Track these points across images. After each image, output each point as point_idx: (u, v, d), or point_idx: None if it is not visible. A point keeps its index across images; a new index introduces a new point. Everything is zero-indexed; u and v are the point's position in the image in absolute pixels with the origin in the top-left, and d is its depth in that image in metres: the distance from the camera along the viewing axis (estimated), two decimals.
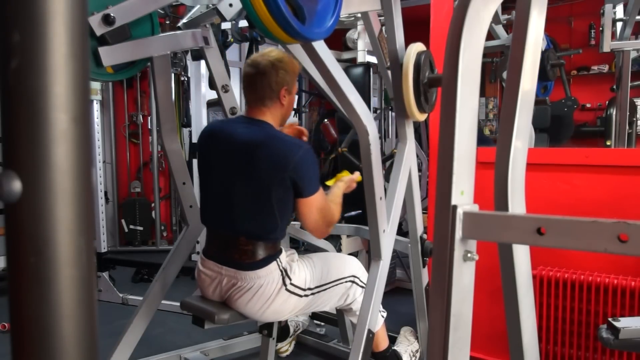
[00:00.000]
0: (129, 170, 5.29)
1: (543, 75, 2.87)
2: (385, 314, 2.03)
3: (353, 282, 1.94)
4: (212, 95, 2.61)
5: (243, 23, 3.13)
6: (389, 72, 1.89)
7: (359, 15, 3.28)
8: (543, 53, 2.74)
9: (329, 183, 1.98)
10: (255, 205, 1.75)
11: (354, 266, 1.97)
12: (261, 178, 1.70)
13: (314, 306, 1.91)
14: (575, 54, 4.69)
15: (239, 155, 1.75)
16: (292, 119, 5.56)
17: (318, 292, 1.86)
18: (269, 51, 1.81)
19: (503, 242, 0.91)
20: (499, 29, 2.79)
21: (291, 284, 1.80)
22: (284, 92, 1.78)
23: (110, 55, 1.83)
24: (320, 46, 1.45)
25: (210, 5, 2.04)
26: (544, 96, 3.24)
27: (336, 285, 1.90)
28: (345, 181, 1.96)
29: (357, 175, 1.98)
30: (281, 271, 1.78)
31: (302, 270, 1.84)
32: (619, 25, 2.79)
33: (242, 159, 1.74)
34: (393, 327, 2.28)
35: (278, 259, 1.79)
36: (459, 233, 0.78)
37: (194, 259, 3.95)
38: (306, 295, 1.83)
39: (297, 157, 1.68)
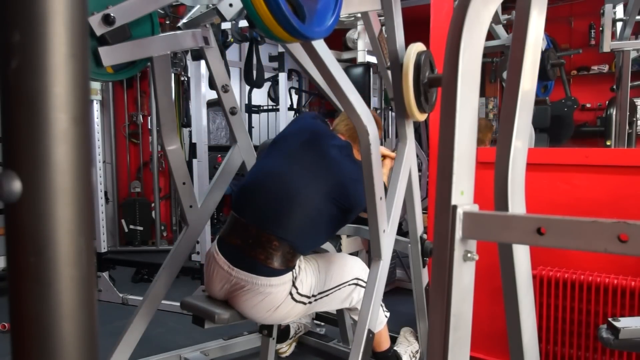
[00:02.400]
0: (129, 170, 5.29)
1: (543, 75, 2.87)
2: (388, 314, 2.03)
3: (356, 284, 1.93)
4: (212, 95, 2.61)
5: (243, 23, 3.13)
6: (389, 72, 1.89)
7: (359, 15, 3.28)
8: (543, 53, 2.74)
9: None
10: (316, 221, 1.78)
11: (357, 268, 1.96)
12: (336, 206, 1.80)
13: (317, 309, 1.92)
14: (575, 54, 4.69)
15: (331, 175, 1.81)
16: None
17: (321, 297, 1.86)
18: None
19: (503, 242, 0.91)
20: (499, 29, 2.79)
21: (298, 293, 1.79)
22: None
23: (110, 55, 1.82)
24: (320, 46, 1.45)
25: (210, 5, 2.04)
26: (544, 96, 3.24)
27: (339, 289, 1.90)
28: (386, 165, 2.04)
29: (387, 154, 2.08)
30: (292, 280, 1.79)
31: (309, 277, 1.83)
32: (619, 25, 2.79)
33: (333, 181, 1.80)
34: (393, 327, 2.28)
35: (293, 270, 1.79)
36: (459, 233, 0.78)
37: (194, 259, 3.95)
38: (310, 302, 1.84)
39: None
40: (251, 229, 1.76)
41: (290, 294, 1.78)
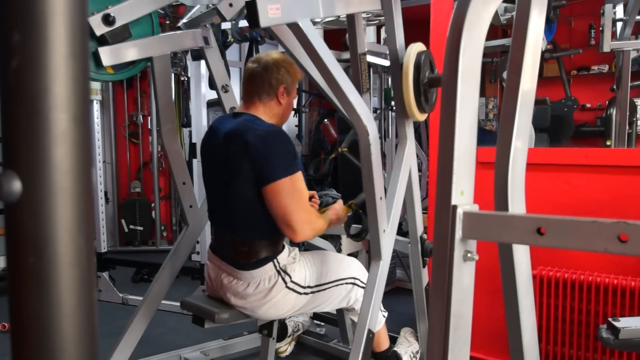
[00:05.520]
0: (129, 170, 5.29)
1: (545, 18, 2.84)
2: (386, 314, 2.03)
3: (354, 284, 1.93)
4: (212, 95, 2.61)
5: (243, 23, 3.13)
6: (365, 99, 1.81)
7: (360, 15, 3.26)
8: None
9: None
10: (246, 203, 1.74)
11: (354, 268, 1.97)
12: (235, 176, 1.71)
13: (314, 305, 1.91)
14: (575, 54, 4.69)
15: (221, 152, 1.77)
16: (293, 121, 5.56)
17: (318, 291, 1.86)
18: (273, 52, 1.88)
19: (503, 242, 0.91)
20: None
21: (292, 281, 1.80)
22: (283, 90, 1.81)
23: (110, 55, 1.83)
24: (320, 46, 1.46)
25: (210, 5, 2.05)
26: (549, 37, 3.09)
27: (336, 286, 1.90)
28: (333, 208, 1.89)
29: (341, 205, 1.93)
30: (278, 271, 1.78)
31: (302, 268, 1.84)
32: (619, 25, 2.79)
33: (223, 156, 1.76)
34: (393, 327, 2.28)
35: (275, 260, 1.78)
36: (459, 233, 0.78)
37: (194, 259, 3.95)
38: (305, 293, 1.83)
39: (259, 138, 1.66)
40: (220, 233, 1.87)
41: (284, 281, 1.79)
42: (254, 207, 1.72)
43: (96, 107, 3.78)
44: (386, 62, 3.62)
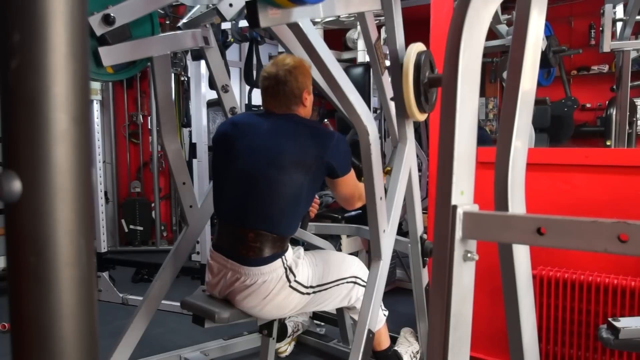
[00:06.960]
0: (129, 170, 5.29)
1: (545, 62, 2.86)
2: (387, 313, 2.03)
3: (355, 282, 1.94)
4: (212, 95, 2.61)
5: (243, 23, 3.13)
6: (384, 78, 1.87)
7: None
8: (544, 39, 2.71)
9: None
10: (281, 195, 1.75)
11: (355, 266, 1.97)
12: (295, 166, 1.74)
13: (315, 305, 1.91)
14: (575, 54, 4.68)
15: (269, 146, 1.78)
16: None
17: (320, 290, 1.87)
18: (282, 59, 1.88)
19: (503, 242, 0.91)
20: (502, 27, 2.78)
21: (295, 280, 1.80)
22: (305, 94, 1.88)
23: (110, 55, 1.83)
24: (320, 46, 1.46)
25: (210, 5, 2.04)
26: (547, 82, 3.19)
27: (337, 285, 1.90)
28: None
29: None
30: (285, 269, 1.79)
31: (306, 268, 1.84)
32: (619, 25, 2.79)
33: (272, 149, 1.77)
34: (393, 327, 2.28)
35: (284, 257, 1.79)
36: (459, 233, 0.77)
37: (194, 259, 3.95)
38: (308, 293, 1.84)
39: (333, 142, 1.79)
40: (229, 228, 1.83)
41: (288, 280, 1.79)
42: (295, 198, 1.76)
43: (96, 107, 3.78)
44: (386, 62, 3.62)
